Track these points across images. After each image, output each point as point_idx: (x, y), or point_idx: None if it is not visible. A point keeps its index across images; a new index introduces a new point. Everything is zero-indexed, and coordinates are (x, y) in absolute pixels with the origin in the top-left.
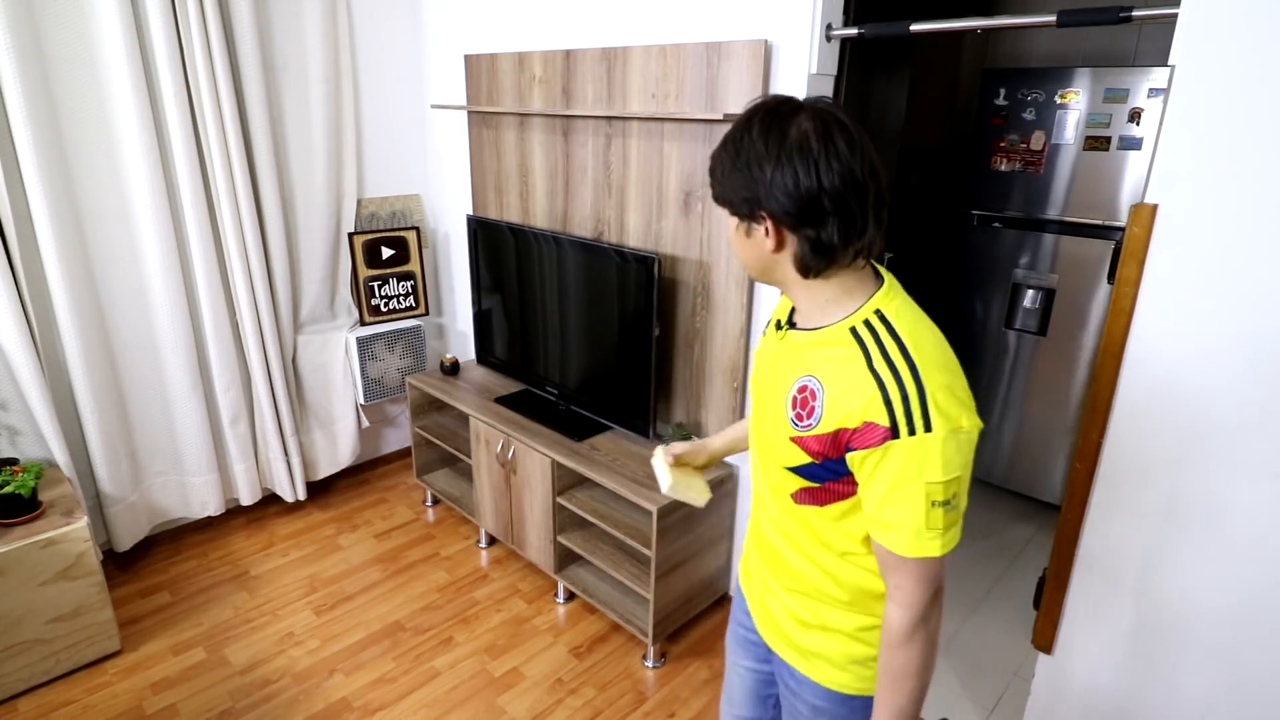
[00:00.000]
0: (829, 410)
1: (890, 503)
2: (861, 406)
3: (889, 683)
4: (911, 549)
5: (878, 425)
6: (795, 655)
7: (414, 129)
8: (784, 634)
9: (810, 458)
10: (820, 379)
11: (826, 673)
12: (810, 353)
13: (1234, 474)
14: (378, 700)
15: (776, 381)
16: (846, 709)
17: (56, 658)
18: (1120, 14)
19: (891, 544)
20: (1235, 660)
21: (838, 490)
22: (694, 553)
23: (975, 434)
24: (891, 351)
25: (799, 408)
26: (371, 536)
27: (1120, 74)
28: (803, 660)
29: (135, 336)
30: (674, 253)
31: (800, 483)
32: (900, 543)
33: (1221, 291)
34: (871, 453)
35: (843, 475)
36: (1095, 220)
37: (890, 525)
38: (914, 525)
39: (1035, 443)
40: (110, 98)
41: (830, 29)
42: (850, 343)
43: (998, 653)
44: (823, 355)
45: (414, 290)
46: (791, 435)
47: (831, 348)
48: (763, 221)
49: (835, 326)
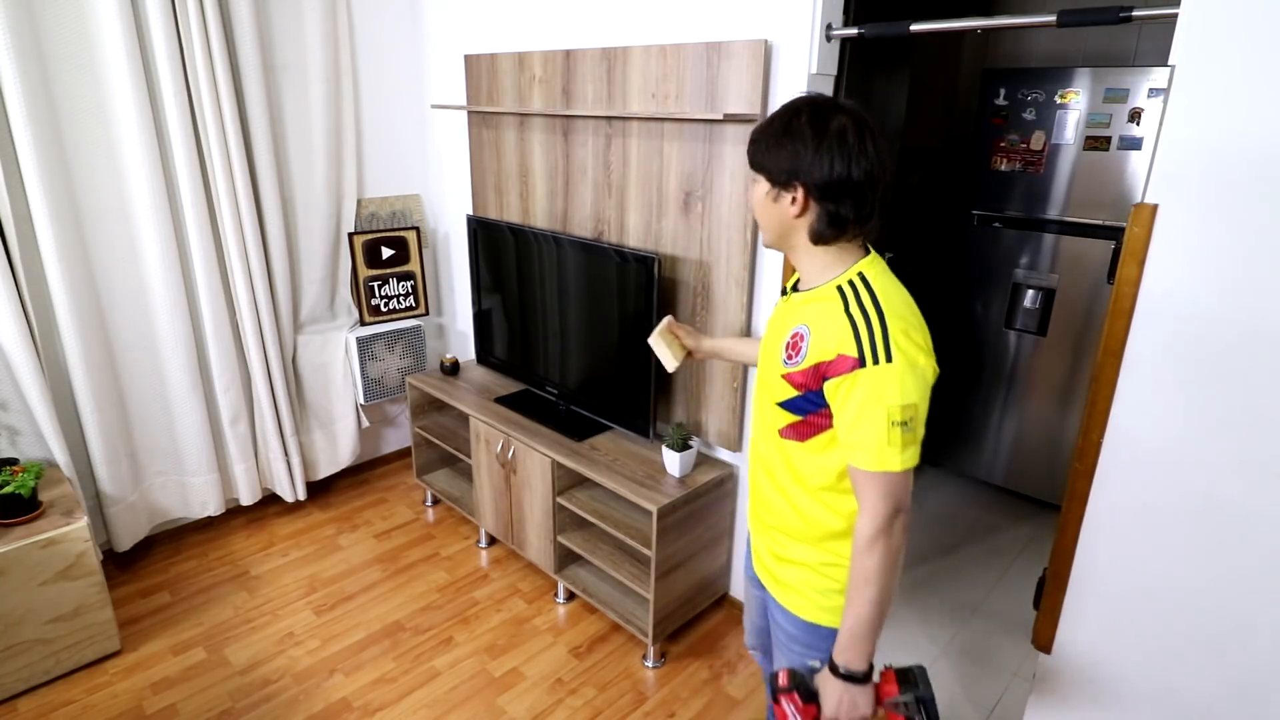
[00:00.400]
0: (813, 348)
1: (858, 424)
2: (837, 341)
3: (854, 587)
4: (875, 463)
5: (848, 356)
6: (774, 586)
7: (414, 129)
8: (766, 567)
9: (796, 390)
10: (809, 325)
11: (796, 602)
12: (805, 307)
13: (1234, 474)
14: (378, 700)
15: (778, 334)
16: (815, 637)
17: (56, 658)
18: (1120, 14)
19: (860, 461)
20: (1235, 660)
21: (816, 423)
22: (694, 553)
23: (930, 374)
24: (865, 301)
25: (790, 349)
26: (371, 536)
27: (1120, 74)
28: (779, 590)
29: (135, 336)
30: (674, 253)
31: (787, 417)
32: (867, 459)
33: (1221, 291)
34: (843, 380)
35: (820, 407)
36: (1095, 220)
37: (859, 445)
38: (877, 442)
39: (1035, 443)
40: (110, 98)
41: (830, 29)
42: (835, 296)
43: (998, 653)
44: (814, 308)
45: (414, 290)
46: (782, 372)
47: (821, 302)
48: (794, 190)
49: (826, 285)
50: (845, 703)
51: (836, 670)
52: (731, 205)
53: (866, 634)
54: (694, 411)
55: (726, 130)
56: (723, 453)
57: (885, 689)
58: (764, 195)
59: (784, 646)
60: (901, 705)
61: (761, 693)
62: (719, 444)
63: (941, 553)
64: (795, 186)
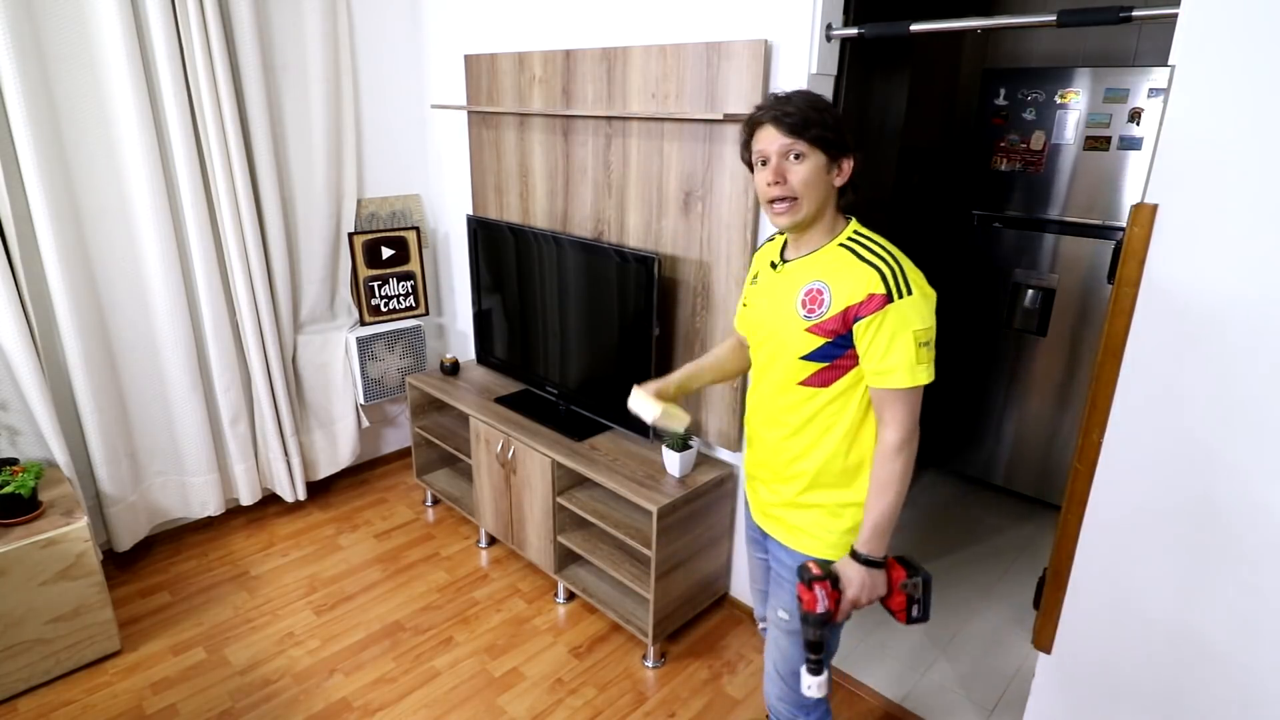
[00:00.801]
0: (837, 296)
1: (890, 351)
2: (864, 284)
3: (878, 488)
4: (909, 380)
5: (878, 294)
6: (784, 531)
7: (414, 129)
8: (774, 517)
9: (825, 338)
10: (824, 279)
11: (807, 543)
12: (811, 267)
13: (1234, 474)
14: (378, 700)
15: (780, 301)
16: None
17: (56, 658)
18: (1120, 14)
19: (895, 381)
20: (1235, 660)
21: (843, 365)
22: (694, 553)
23: (934, 299)
24: (875, 249)
25: (809, 304)
26: (371, 536)
27: (1120, 74)
28: (790, 534)
29: (135, 336)
30: (674, 253)
31: (811, 367)
32: (901, 378)
33: (1221, 291)
34: (874, 317)
35: (847, 349)
36: (1095, 220)
37: (893, 368)
38: (909, 363)
39: (1035, 443)
40: (110, 98)
41: (830, 29)
42: (843, 251)
43: (998, 653)
44: (823, 265)
45: (414, 290)
46: (806, 326)
47: (829, 258)
48: (847, 160)
49: (828, 246)
50: (867, 585)
51: (859, 557)
52: (731, 205)
53: (887, 528)
54: (694, 411)
55: (726, 130)
56: (723, 453)
57: (895, 573)
58: (820, 168)
59: (787, 584)
60: (910, 585)
61: (761, 693)
62: (719, 444)
63: (942, 552)
64: (850, 156)
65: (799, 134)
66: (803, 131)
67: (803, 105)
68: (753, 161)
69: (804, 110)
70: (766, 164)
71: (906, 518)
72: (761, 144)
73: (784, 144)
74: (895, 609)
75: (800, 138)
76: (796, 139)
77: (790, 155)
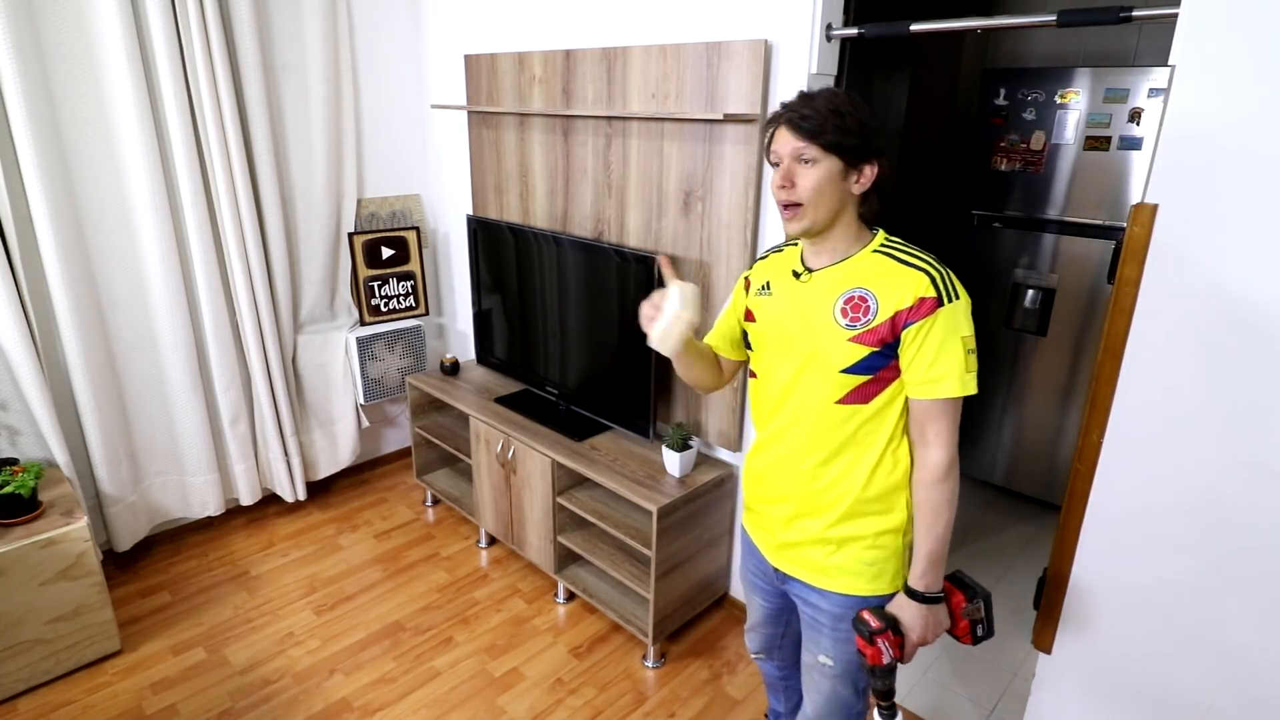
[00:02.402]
0: (884, 303)
1: (940, 358)
2: (914, 288)
3: (930, 514)
4: (959, 389)
5: (928, 298)
6: (818, 575)
7: (414, 129)
8: (804, 558)
9: (870, 348)
10: (867, 286)
11: (848, 583)
12: (847, 274)
13: (1234, 473)
14: (378, 700)
15: (811, 311)
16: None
17: (56, 658)
18: (1120, 14)
19: (945, 390)
20: (1235, 660)
21: (885, 378)
22: (694, 553)
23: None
24: (914, 255)
25: (852, 313)
26: (371, 536)
27: (1120, 74)
28: (824, 578)
29: (135, 336)
30: (674, 253)
31: (853, 381)
32: (952, 386)
33: (1221, 291)
34: (925, 322)
35: (891, 359)
36: (1095, 220)
37: (942, 376)
38: (958, 371)
39: (1035, 443)
40: (110, 98)
41: (830, 29)
42: (880, 257)
43: (998, 653)
44: (862, 272)
45: (414, 290)
46: (849, 336)
47: (867, 264)
48: (869, 165)
49: (862, 253)
50: (931, 623)
51: (917, 595)
52: (731, 205)
53: (942, 558)
54: (694, 411)
55: (726, 130)
56: (723, 453)
57: (956, 601)
58: (834, 175)
59: (827, 629)
60: (971, 609)
61: (762, 693)
62: (719, 444)
63: None
64: (872, 162)
65: (812, 138)
66: (816, 136)
67: (822, 108)
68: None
69: (822, 113)
70: (779, 166)
71: None
72: (777, 145)
73: (795, 147)
74: (960, 634)
75: (813, 142)
76: (809, 143)
77: (801, 159)
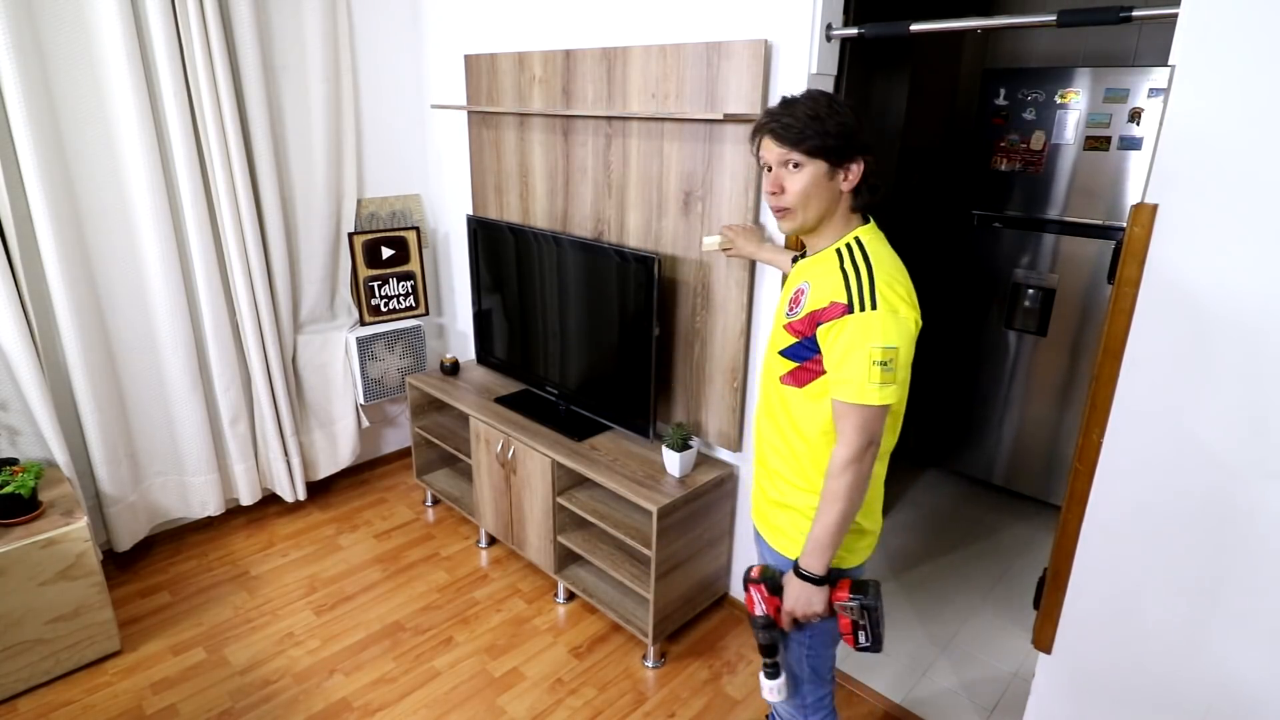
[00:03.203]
0: (811, 299)
1: (844, 362)
2: (830, 291)
3: (823, 503)
4: (856, 396)
5: (839, 303)
6: (768, 531)
7: (414, 129)
8: (763, 514)
9: (795, 338)
10: (809, 281)
11: (785, 545)
12: (809, 268)
13: (1234, 474)
14: (378, 700)
15: (786, 294)
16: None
17: (56, 658)
18: (1120, 14)
19: (843, 394)
20: (1235, 661)
21: (812, 369)
22: (694, 553)
23: (912, 324)
24: (857, 258)
25: (793, 303)
26: (371, 536)
27: (1120, 74)
28: (772, 534)
29: (135, 336)
30: (674, 253)
31: (786, 364)
32: (849, 392)
33: (1221, 291)
34: (834, 324)
35: (814, 354)
36: (1095, 220)
37: (843, 380)
38: (859, 378)
39: (1035, 443)
40: (110, 98)
41: (830, 29)
42: (833, 256)
43: (998, 653)
44: (815, 268)
45: (414, 290)
46: (784, 323)
47: (822, 262)
48: (854, 164)
49: (828, 249)
50: (802, 599)
51: (798, 571)
52: (731, 205)
53: (828, 544)
54: (694, 411)
55: (726, 130)
56: (723, 453)
57: (837, 594)
58: (819, 177)
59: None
60: (848, 609)
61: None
62: (719, 444)
63: (941, 552)
64: (856, 160)
65: (794, 145)
66: (798, 143)
67: (802, 115)
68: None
69: (802, 121)
70: (770, 171)
71: (907, 518)
72: (763, 153)
73: (780, 154)
74: (842, 632)
75: (796, 149)
76: (792, 150)
77: (788, 165)
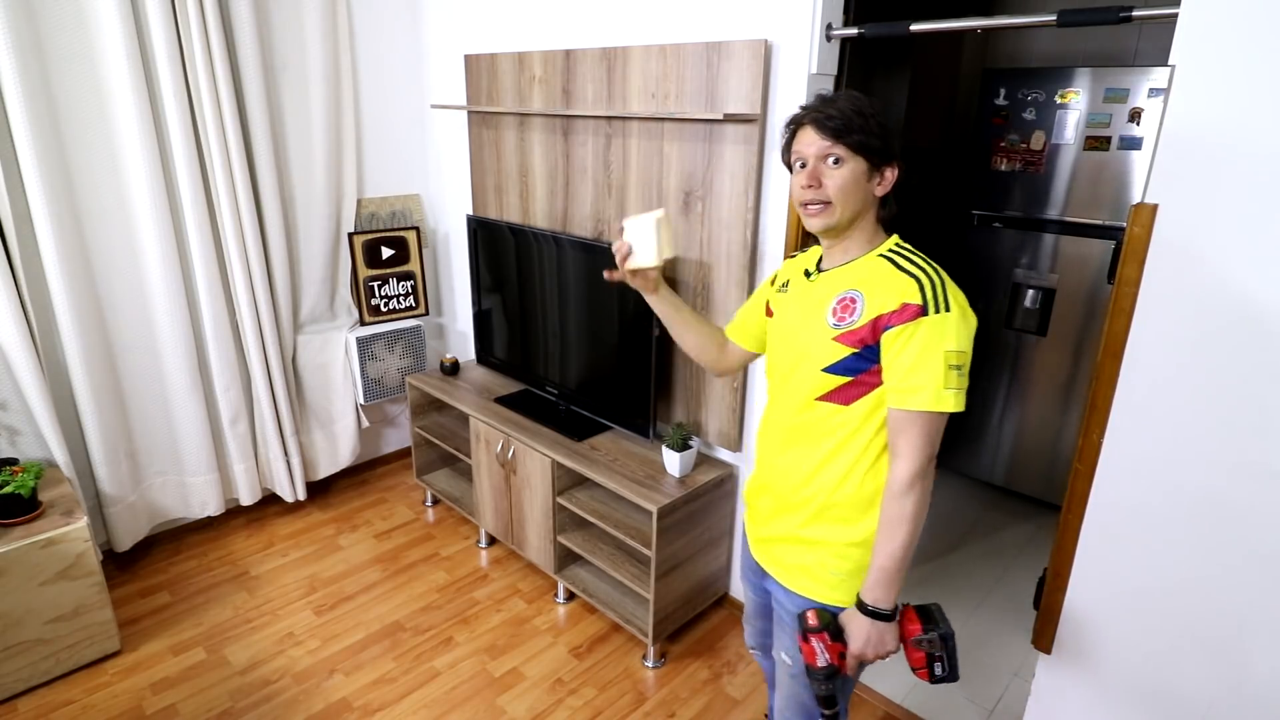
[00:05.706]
0: (869, 305)
1: (917, 368)
2: (899, 293)
3: (888, 527)
4: (932, 403)
5: (911, 304)
6: (783, 571)
7: (414, 129)
8: (777, 556)
9: (850, 349)
10: (859, 288)
11: (807, 585)
12: (847, 276)
13: (1234, 474)
14: (378, 700)
15: (810, 310)
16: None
17: (56, 658)
18: (1120, 14)
19: (916, 402)
20: (1235, 660)
21: (867, 381)
22: (694, 553)
23: (974, 325)
24: (916, 260)
25: (840, 313)
26: (371, 536)
27: (1120, 74)
28: (789, 574)
29: (135, 336)
30: (674, 253)
31: (833, 381)
32: (924, 399)
33: (1221, 291)
34: (905, 328)
35: (873, 364)
36: (1095, 220)
37: (916, 387)
38: (935, 384)
39: (1035, 443)
40: (110, 97)
41: (830, 29)
42: (882, 262)
43: (998, 653)
44: (859, 274)
45: (414, 290)
46: (833, 335)
47: (867, 268)
48: (891, 168)
49: (867, 256)
50: (873, 639)
51: (865, 608)
52: (731, 205)
53: (897, 573)
54: (694, 411)
55: (726, 130)
56: (723, 453)
57: (909, 627)
58: (859, 176)
59: (789, 628)
60: (925, 642)
61: (762, 693)
62: (719, 444)
63: (942, 552)
64: (892, 165)
65: (839, 138)
66: (843, 136)
67: (847, 109)
68: (791, 163)
69: (847, 114)
70: (805, 166)
71: None
72: (800, 146)
73: (822, 147)
74: (914, 666)
75: (840, 142)
76: (836, 143)
77: (828, 159)
